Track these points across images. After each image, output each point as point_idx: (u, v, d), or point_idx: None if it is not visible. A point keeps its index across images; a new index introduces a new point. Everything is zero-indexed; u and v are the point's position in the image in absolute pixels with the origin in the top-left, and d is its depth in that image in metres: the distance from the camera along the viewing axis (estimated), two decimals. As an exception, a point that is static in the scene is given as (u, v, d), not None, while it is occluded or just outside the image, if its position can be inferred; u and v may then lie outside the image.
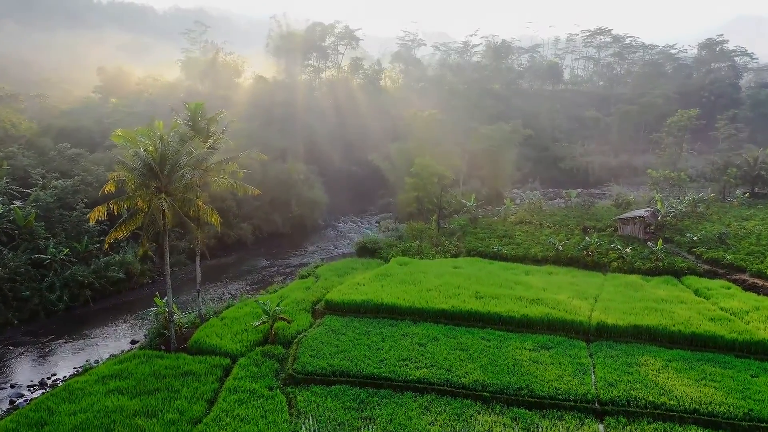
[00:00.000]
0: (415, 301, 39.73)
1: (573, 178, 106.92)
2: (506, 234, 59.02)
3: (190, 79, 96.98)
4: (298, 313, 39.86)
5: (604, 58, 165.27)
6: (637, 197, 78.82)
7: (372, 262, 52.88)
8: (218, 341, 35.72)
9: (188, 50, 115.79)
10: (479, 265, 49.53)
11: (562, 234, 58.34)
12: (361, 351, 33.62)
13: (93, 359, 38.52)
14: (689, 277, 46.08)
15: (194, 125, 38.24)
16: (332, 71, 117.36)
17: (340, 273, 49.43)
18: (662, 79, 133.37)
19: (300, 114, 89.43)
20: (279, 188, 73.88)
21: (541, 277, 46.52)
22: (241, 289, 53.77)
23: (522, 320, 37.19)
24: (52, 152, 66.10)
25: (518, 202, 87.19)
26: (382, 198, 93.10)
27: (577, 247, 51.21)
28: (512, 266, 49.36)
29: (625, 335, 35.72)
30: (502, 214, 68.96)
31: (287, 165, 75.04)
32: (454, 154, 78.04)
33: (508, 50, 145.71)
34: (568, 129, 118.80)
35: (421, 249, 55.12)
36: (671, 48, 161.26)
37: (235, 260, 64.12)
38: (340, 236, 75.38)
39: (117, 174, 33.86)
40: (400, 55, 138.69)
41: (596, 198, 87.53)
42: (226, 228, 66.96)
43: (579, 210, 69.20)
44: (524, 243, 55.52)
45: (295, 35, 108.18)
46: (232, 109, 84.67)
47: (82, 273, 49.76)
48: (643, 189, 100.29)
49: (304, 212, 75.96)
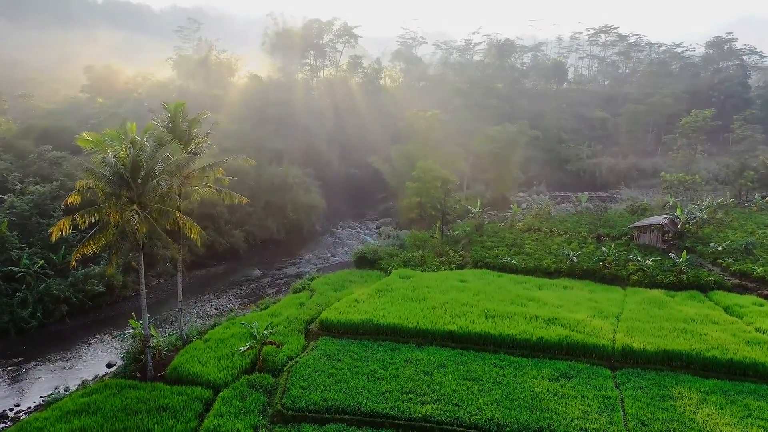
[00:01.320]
0: (419, 321, 36.01)
1: (580, 180, 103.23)
2: (515, 243, 55.28)
3: (181, 78, 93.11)
4: (290, 335, 36.12)
5: (608, 57, 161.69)
6: (650, 201, 75.19)
7: (371, 274, 49.15)
8: (200, 368, 31.98)
9: (181, 48, 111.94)
10: (487, 278, 45.79)
11: (575, 243, 54.60)
12: (360, 381, 29.90)
13: (63, 386, 34.84)
14: (717, 293, 42.34)
15: (174, 127, 34.48)
16: (330, 70, 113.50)
17: (336, 287, 45.71)
18: (669, 78, 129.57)
19: (296, 114, 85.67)
20: (274, 193, 70.21)
21: (556, 292, 42.78)
22: (230, 303, 50.04)
23: (538, 344, 33.46)
24: (32, 155, 62.32)
25: (524, 207, 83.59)
26: (383, 202, 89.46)
27: (593, 259, 47.47)
28: (523, 279, 45.62)
29: (654, 362, 32.01)
30: (509, 221, 65.23)
31: (282, 168, 71.25)
32: (457, 157, 74.35)
33: (512, 49, 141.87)
34: (574, 129, 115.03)
35: (424, 259, 51.41)
36: (677, 46, 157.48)
37: (226, 270, 60.38)
38: (338, 243, 71.66)
39: (85, 182, 30.12)
40: (400, 54, 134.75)
41: (607, 202, 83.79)
42: (217, 235, 63.41)
43: (591, 216, 65.46)
44: (535, 253, 51.78)
45: (291, 32, 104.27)
46: (224, 109, 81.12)
47: (58, 286, 46.00)
48: (653, 192, 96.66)
49: (301, 217, 72.27)
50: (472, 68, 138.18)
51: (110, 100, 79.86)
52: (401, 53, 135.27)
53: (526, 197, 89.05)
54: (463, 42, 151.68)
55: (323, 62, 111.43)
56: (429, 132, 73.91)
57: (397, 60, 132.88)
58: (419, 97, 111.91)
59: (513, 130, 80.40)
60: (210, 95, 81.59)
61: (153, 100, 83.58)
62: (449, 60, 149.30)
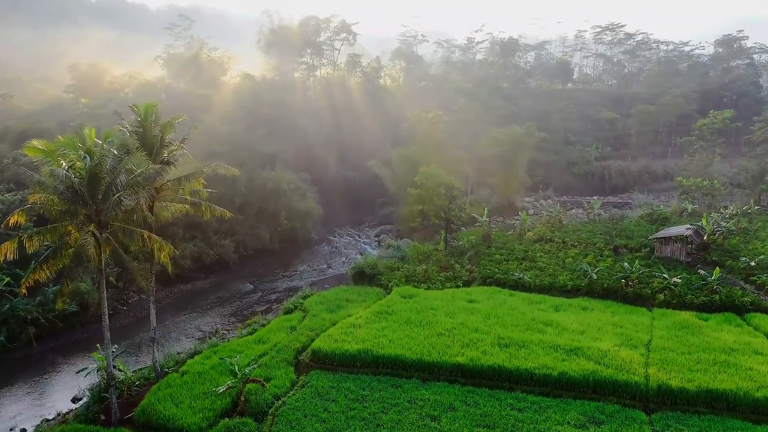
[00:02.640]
0: (424, 351, 31.78)
1: (588, 184, 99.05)
2: (526, 256, 51.01)
3: (171, 77, 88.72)
4: (278, 366, 31.87)
5: (613, 56, 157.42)
6: (667, 208, 71.07)
7: (371, 291, 44.87)
8: (173, 410, 27.77)
9: (172, 46, 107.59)
10: (498, 297, 41.53)
11: (591, 256, 50.37)
12: (356, 429, 25.69)
13: (18, 429, 30.63)
14: (755, 315, 38.06)
15: (145, 133, 30.22)
16: (328, 69, 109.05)
17: (332, 306, 41.45)
18: (678, 78, 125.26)
19: (292, 115, 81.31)
20: (266, 199, 65.95)
21: (575, 314, 38.54)
22: (215, 322, 45.80)
23: (561, 380, 29.25)
24: (6, 159, 58.09)
25: (532, 213, 79.44)
26: (382, 207, 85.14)
27: (614, 275, 43.18)
28: (538, 299, 41.36)
29: (695, 403, 27.80)
30: (517, 229, 60.99)
31: (275, 173, 66.96)
32: (462, 161, 70.07)
33: (515, 47, 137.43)
34: (581, 131, 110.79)
35: (428, 275, 47.16)
36: (684, 45, 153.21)
37: (214, 284, 56.12)
38: (335, 253, 67.39)
39: (37, 197, 25.90)
40: (400, 52, 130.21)
41: (619, 208, 79.58)
42: (205, 246, 59.20)
43: (605, 224, 61.23)
44: (548, 267, 47.51)
45: (287, 30, 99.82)
46: (215, 110, 76.83)
47: (25, 306, 41.76)
48: (665, 197, 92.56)
49: (295, 225, 67.99)
50: (476, 67, 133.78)
51: (95, 101, 75.53)
52: (402, 52, 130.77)
53: (534, 202, 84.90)
54: (465, 41, 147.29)
55: (320, 61, 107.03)
56: (431, 134, 69.65)
57: (398, 59, 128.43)
58: (420, 97, 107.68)
59: (520, 132, 76.12)
60: (200, 95, 77.24)
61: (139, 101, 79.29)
62: (451, 59, 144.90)
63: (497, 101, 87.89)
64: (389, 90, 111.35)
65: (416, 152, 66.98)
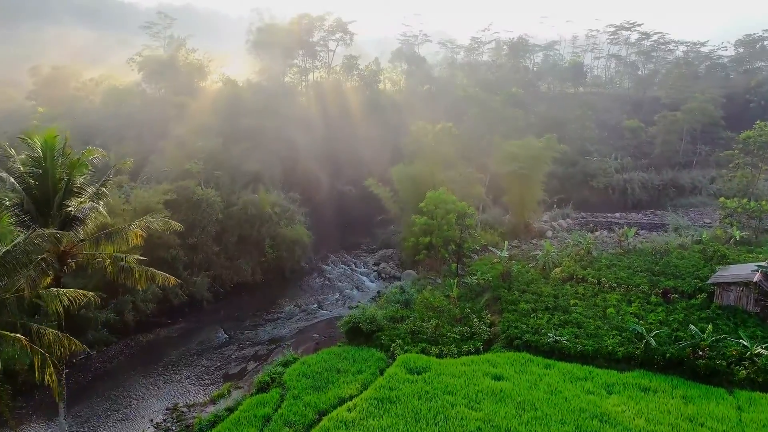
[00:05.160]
0: (441, 476, 22.84)
1: (608, 199, 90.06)
2: (557, 304, 42.02)
3: (147, 81, 79.39)
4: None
5: (626, 57, 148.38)
6: (707, 229, 62.40)
7: (368, 356, 35.91)
8: None
9: (149, 47, 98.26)
10: (531, 371, 32.54)
11: (636, 304, 41.52)
12: None
13: None
14: None
15: (44, 177, 21.23)
16: (321, 72, 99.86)
17: (318, 381, 32.52)
18: (700, 81, 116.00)
19: (280, 125, 72.23)
20: (248, 225, 57.02)
21: (635, 399, 29.53)
22: (175, 393, 36.75)
23: None
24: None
25: (551, 236, 70.63)
26: (382, 226, 76.29)
27: (676, 339, 34.18)
28: (582, 373, 32.37)
29: None
30: (539, 262, 52.03)
31: (259, 194, 57.93)
32: (474, 180, 61.11)
33: (525, 48, 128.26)
34: (598, 139, 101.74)
35: (439, 332, 38.23)
36: (701, 45, 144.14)
37: (182, 332, 47.14)
38: (328, 287, 58.39)
39: None
40: (401, 53, 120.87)
41: (647, 230, 70.67)
42: (173, 285, 50.10)
43: (644, 258, 52.16)
44: (588, 323, 38.47)
45: (277, 28, 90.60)
46: (190, 120, 67.75)
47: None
48: (695, 213, 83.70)
49: (282, 254, 59.02)
50: (483, 70, 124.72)
51: (55, 109, 66.41)
52: (402, 53, 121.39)
53: (551, 222, 76.06)
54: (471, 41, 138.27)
55: (313, 63, 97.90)
56: (439, 149, 60.59)
57: (398, 60, 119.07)
58: (424, 103, 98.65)
59: (538, 145, 67.04)
60: (174, 103, 68.11)
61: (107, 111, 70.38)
62: (456, 60, 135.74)
63: (513, 111, 78.82)
64: (389, 95, 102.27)
65: (421, 171, 57.88)
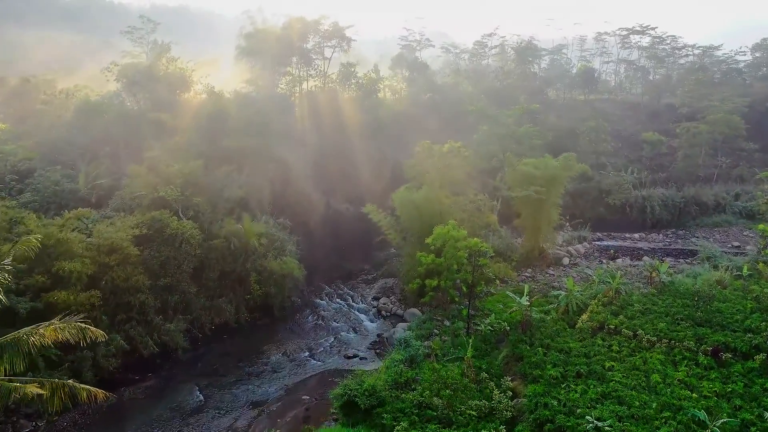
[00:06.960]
0: None
1: (625, 218, 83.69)
2: (590, 368, 35.47)
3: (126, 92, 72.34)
4: None
5: (636, 62, 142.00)
6: (745, 256, 56.25)
7: (366, 442, 29.45)
8: None
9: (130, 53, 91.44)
10: (571, 475, 26.02)
11: (683, 368, 35.12)
12: None
13: None
14: None
15: None
16: (316, 81, 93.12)
17: (304, 485, 25.98)
18: (721, 88, 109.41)
19: (270, 142, 65.59)
20: (231, 260, 50.49)
21: None
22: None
23: None
24: None
25: (567, 264, 64.36)
26: (381, 249, 69.94)
27: (745, 427, 27.76)
28: (634, 478, 25.89)
29: None
30: (562, 304, 45.55)
31: (242, 225, 51.39)
32: (486, 207, 54.64)
33: (534, 52, 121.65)
34: (612, 151, 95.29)
35: (452, 407, 31.74)
36: (715, 49, 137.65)
37: (150, 392, 40.54)
38: (321, 328, 51.84)
39: None
40: (402, 59, 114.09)
41: (674, 257, 64.23)
42: (143, 332, 43.57)
43: (682, 300, 45.56)
44: (631, 398, 31.90)
45: (268, 33, 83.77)
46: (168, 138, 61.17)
47: None
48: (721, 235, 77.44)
49: (269, 291, 52.49)
50: (490, 77, 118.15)
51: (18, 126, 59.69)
52: (404, 58, 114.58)
53: (567, 247, 69.59)
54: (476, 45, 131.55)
55: (308, 71, 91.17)
56: (446, 173, 54.08)
57: (399, 67, 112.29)
58: (427, 113, 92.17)
59: (555, 164, 60.51)
60: (151, 120, 61.34)
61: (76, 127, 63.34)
62: (459, 66, 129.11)
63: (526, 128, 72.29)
64: (390, 105, 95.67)
65: (426, 197, 51.28)
